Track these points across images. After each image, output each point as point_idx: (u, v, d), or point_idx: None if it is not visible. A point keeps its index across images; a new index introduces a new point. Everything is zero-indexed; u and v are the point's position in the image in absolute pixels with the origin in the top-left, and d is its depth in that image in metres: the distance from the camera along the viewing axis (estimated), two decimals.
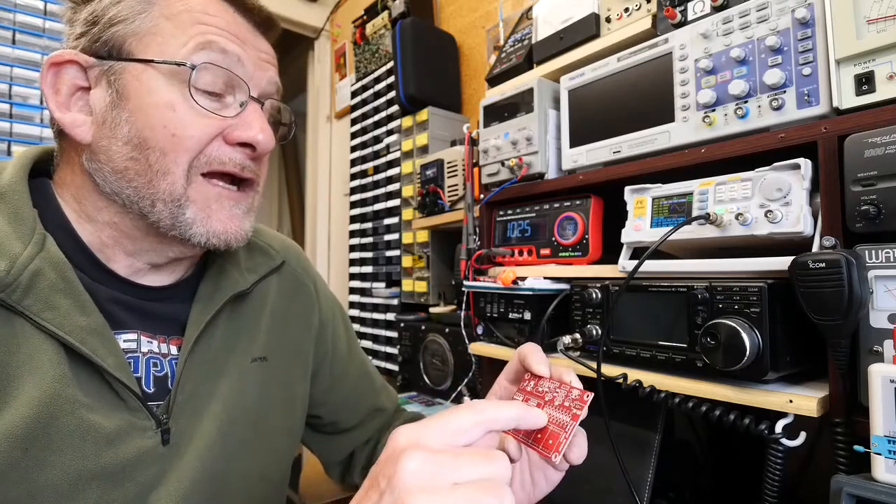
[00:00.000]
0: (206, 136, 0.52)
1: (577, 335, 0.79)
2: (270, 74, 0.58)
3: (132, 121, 0.51)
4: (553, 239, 0.93)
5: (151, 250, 0.56)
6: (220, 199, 0.55)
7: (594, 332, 0.78)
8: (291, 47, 2.86)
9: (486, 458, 0.36)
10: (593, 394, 0.46)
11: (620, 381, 0.72)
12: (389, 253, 1.82)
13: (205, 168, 0.53)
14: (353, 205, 2.08)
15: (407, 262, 1.67)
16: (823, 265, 0.53)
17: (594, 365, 0.73)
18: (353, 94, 2.16)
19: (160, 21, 0.51)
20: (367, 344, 1.91)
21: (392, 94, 1.90)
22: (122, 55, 0.51)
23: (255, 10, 0.57)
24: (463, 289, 1.05)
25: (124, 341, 0.53)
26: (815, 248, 0.60)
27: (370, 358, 1.90)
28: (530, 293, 0.91)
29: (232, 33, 0.54)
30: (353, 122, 2.15)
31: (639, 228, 0.77)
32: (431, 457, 0.35)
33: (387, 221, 1.85)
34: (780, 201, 0.62)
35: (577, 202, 0.91)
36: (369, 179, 1.98)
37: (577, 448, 0.46)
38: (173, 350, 0.57)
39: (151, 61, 0.51)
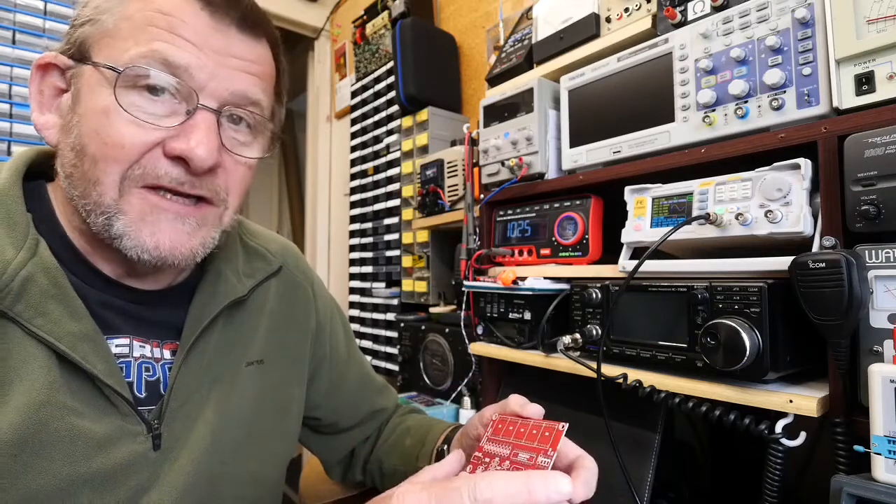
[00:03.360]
0: (138, 146, 0.48)
1: (577, 335, 0.79)
2: (237, 85, 0.52)
3: (79, 126, 0.49)
4: (553, 239, 0.93)
5: (116, 259, 0.53)
6: (156, 210, 0.50)
7: (594, 332, 0.78)
8: (291, 47, 2.86)
9: None
10: (567, 424, 0.45)
11: (620, 381, 0.72)
12: (389, 253, 1.82)
13: (140, 182, 0.49)
14: (353, 205, 2.08)
15: (407, 262, 1.67)
16: (823, 265, 0.53)
17: (594, 365, 0.73)
18: (353, 94, 2.16)
19: (119, 22, 0.49)
20: (367, 344, 1.91)
21: (392, 94, 1.90)
22: (81, 57, 0.50)
23: (223, 7, 0.50)
24: (463, 289, 1.05)
25: (116, 346, 0.53)
26: (815, 248, 0.60)
27: (370, 358, 1.90)
28: (530, 293, 0.91)
29: (187, 37, 0.48)
30: (353, 122, 2.15)
31: (639, 228, 0.77)
32: None
33: (387, 221, 1.85)
34: (780, 201, 0.62)
35: (577, 202, 0.91)
36: (369, 179, 1.98)
37: (585, 486, 0.44)
38: (167, 354, 0.57)
39: (96, 64, 0.48)
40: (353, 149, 2.12)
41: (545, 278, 0.92)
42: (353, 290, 2.07)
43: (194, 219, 0.52)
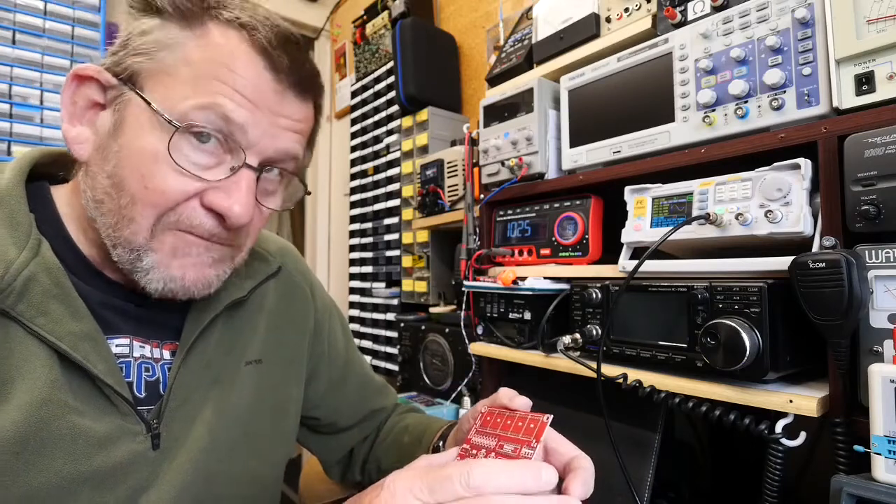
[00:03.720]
0: (179, 195, 0.49)
1: (577, 335, 0.79)
2: (282, 144, 0.53)
3: (119, 157, 0.49)
4: (553, 239, 0.93)
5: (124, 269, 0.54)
6: (187, 245, 0.51)
7: (594, 332, 0.78)
8: None
9: None
10: (551, 416, 0.45)
11: (620, 381, 0.72)
12: (389, 253, 1.82)
13: (174, 226, 0.50)
14: (353, 205, 2.08)
15: (407, 262, 1.67)
16: (823, 265, 0.53)
17: (594, 365, 0.73)
18: (353, 94, 2.16)
19: (179, 64, 0.48)
20: (367, 344, 1.91)
21: (392, 94, 1.90)
22: (133, 85, 0.49)
23: (287, 70, 0.52)
24: (463, 289, 1.05)
25: (116, 346, 0.53)
26: (815, 248, 0.60)
27: (370, 358, 1.90)
28: (530, 293, 0.91)
29: (247, 95, 0.49)
30: (353, 122, 2.15)
31: (639, 228, 0.77)
32: None
33: (387, 221, 1.85)
34: (780, 201, 0.62)
35: (577, 202, 0.91)
36: (369, 179, 1.98)
37: (583, 486, 0.45)
38: (166, 355, 0.57)
39: (151, 105, 0.48)
40: (353, 149, 2.13)
41: (545, 278, 0.92)
42: (353, 290, 2.07)
43: (216, 252, 0.54)
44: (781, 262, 0.59)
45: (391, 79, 1.91)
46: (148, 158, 0.48)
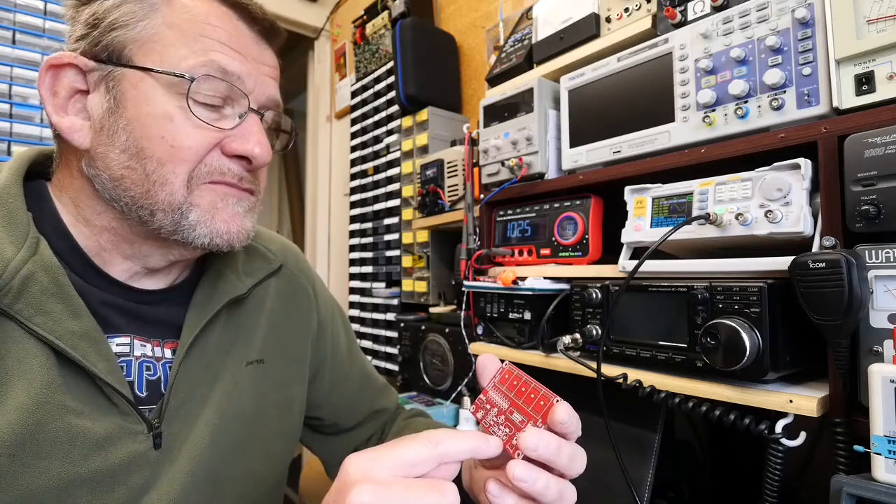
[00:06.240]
0: (203, 148, 0.52)
1: (577, 335, 0.79)
2: (270, 92, 0.57)
3: (129, 129, 0.50)
4: (553, 239, 0.93)
5: (150, 254, 0.55)
6: (225, 197, 0.54)
7: (594, 332, 0.78)
8: (291, 47, 2.85)
9: (435, 490, 0.37)
10: (562, 401, 0.46)
11: (620, 381, 0.72)
12: (389, 253, 1.82)
13: (206, 178, 0.53)
14: (353, 205, 2.08)
15: (407, 262, 1.67)
16: (823, 265, 0.53)
17: (594, 365, 0.73)
18: (353, 94, 2.16)
19: (162, 29, 0.50)
20: (367, 344, 1.91)
21: (392, 94, 1.90)
22: (121, 61, 0.50)
23: (260, 19, 0.56)
24: (463, 289, 1.05)
25: (117, 345, 0.53)
26: (815, 248, 0.60)
27: (370, 358, 1.90)
28: (530, 293, 0.91)
29: (234, 47, 0.53)
30: (353, 122, 2.15)
31: (639, 228, 0.77)
32: (381, 489, 0.35)
33: (387, 221, 1.85)
34: (780, 201, 0.62)
35: (577, 202, 0.91)
36: (369, 179, 1.98)
37: (578, 463, 0.45)
38: (167, 353, 0.57)
39: (151, 70, 0.50)
40: (353, 149, 2.12)
41: (545, 278, 0.92)
42: (353, 290, 2.07)
43: (246, 202, 0.57)
44: (781, 262, 0.59)
45: (391, 79, 1.91)
46: (164, 121, 0.50)
